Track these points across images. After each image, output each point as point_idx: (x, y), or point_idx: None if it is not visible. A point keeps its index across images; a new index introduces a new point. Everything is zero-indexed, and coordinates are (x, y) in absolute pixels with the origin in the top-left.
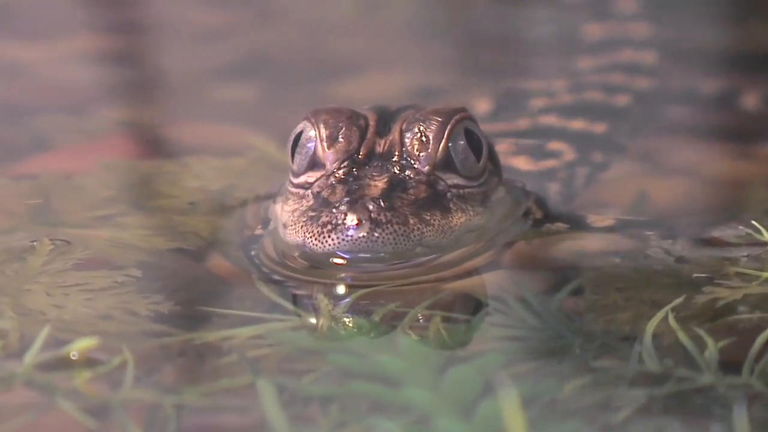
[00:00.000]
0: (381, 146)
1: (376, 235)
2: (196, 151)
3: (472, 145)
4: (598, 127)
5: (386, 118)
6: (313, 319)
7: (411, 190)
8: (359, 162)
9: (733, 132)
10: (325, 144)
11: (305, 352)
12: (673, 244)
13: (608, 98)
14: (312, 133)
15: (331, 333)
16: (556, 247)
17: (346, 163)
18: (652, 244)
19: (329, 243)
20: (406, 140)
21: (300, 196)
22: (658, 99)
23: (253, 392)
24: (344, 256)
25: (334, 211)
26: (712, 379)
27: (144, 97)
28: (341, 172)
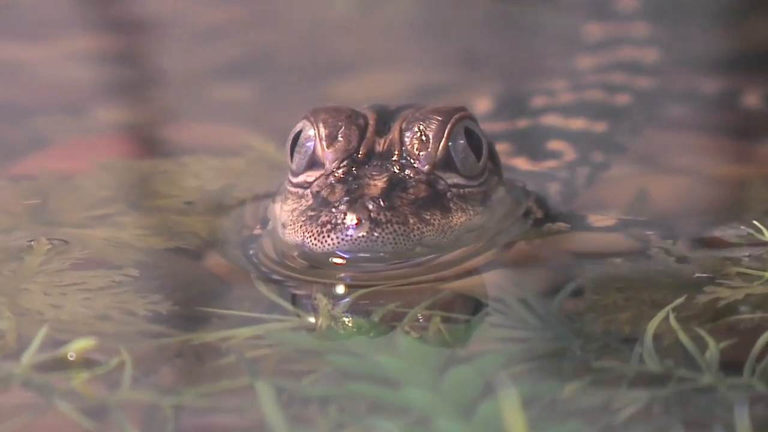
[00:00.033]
0: (380, 145)
1: (376, 234)
2: (195, 151)
3: (472, 144)
4: (599, 127)
5: (386, 117)
6: (313, 320)
7: (411, 190)
8: (359, 161)
9: (734, 131)
10: (325, 143)
11: (304, 352)
12: (674, 244)
13: (609, 98)
14: (311, 132)
15: (330, 333)
16: (557, 247)
17: (345, 163)
18: (653, 244)
19: (329, 243)
20: (406, 139)
21: (299, 196)
22: (659, 98)
23: (252, 393)
24: (344, 255)
25: (334, 210)
26: (713, 380)
27: (142, 96)
28: (341, 171)
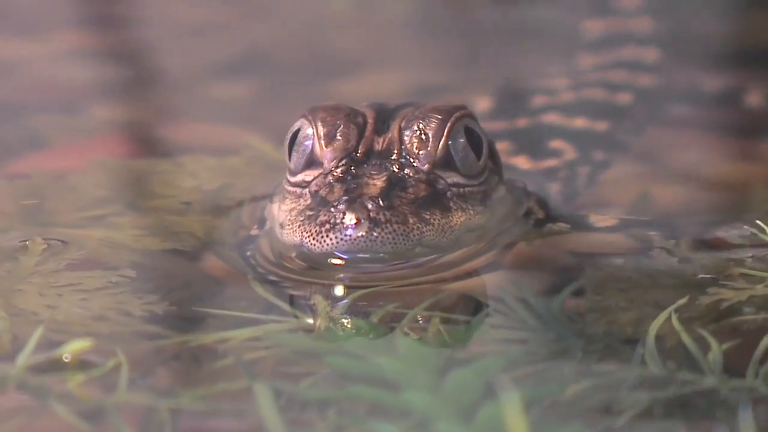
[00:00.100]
0: (380, 144)
1: (375, 234)
2: (192, 150)
3: (473, 143)
4: (600, 126)
5: (385, 116)
6: (311, 321)
7: (410, 189)
8: (357, 160)
9: (737, 130)
10: (323, 142)
11: (303, 354)
12: (676, 244)
13: (610, 96)
14: (309, 131)
15: (329, 335)
16: (558, 248)
17: (344, 162)
18: (655, 245)
19: (327, 243)
20: (405, 138)
21: (297, 195)
22: (661, 97)
23: (250, 395)
24: (342, 256)
25: (333, 210)
26: (716, 382)
27: (139, 95)
28: (339, 170)
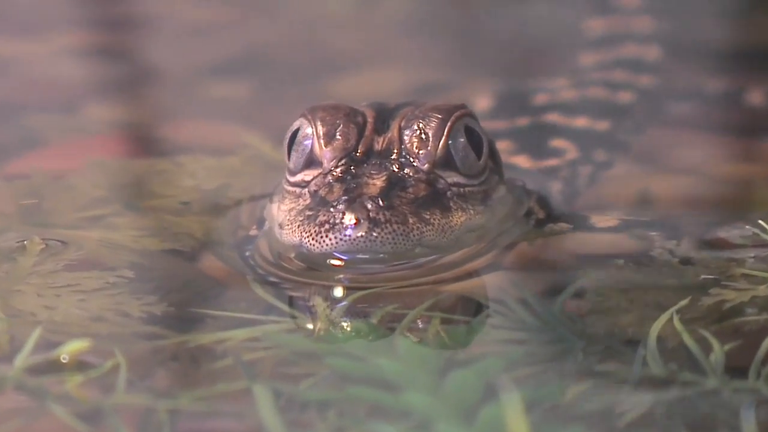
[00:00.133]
0: (379, 144)
1: (375, 234)
2: (190, 150)
3: (473, 142)
4: (601, 125)
5: (385, 115)
6: (310, 322)
7: (410, 189)
8: (357, 160)
9: (738, 129)
10: (323, 141)
11: (302, 355)
12: (678, 244)
13: (611, 95)
14: (309, 130)
15: (328, 336)
16: (559, 248)
17: (343, 161)
18: (657, 245)
19: (327, 243)
20: (405, 138)
21: (296, 195)
22: (662, 96)
23: (249, 397)
24: (342, 257)
25: (332, 210)
26: (718, 383)
27: (136, 94)
28: (339, 170)
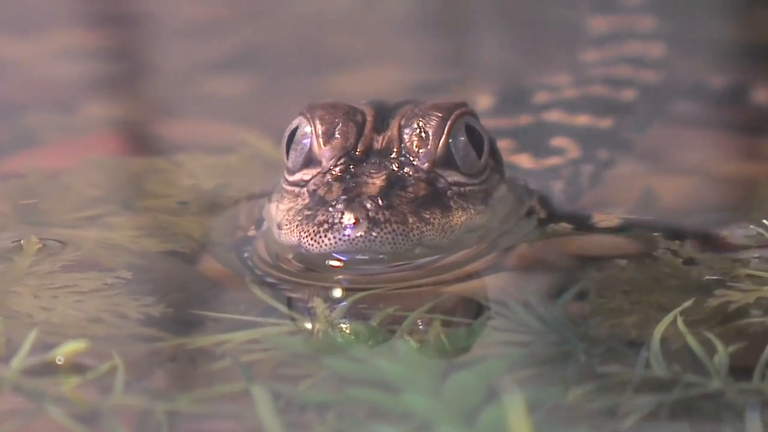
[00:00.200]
0: (379, 143)
1: (374, 234)
2: (188, 149)
3: (473, 141)
4: (604, 123)
5: (384, 114)
6: (309, 324)
7: (410, 188)
8: (356, 159)
9: (743, 127)
10: (321, 140)
11: (301, 357)
12: (682, 245)
13: (614, 93)
14: (308, 129)
15: (327, 338)
16: (560, 249)
17: (342, 160)
18: (660, 245)
19: (325, 243)
20: (405, 136)
21: (295, 195)
22: (666, 93)
23: (248, 399)
24: (341, 257)
25: (331, 209)
26: (722, 385)
27: (134, 92)
28: (338, 169)
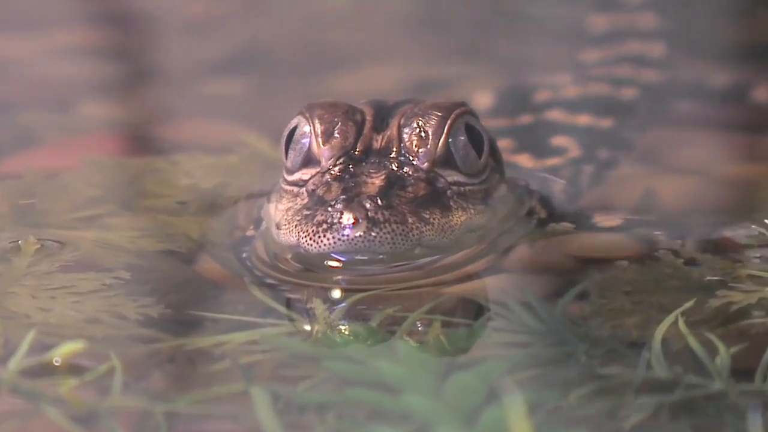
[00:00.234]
0: (378, 142)
1: (374, 234)
2: (187, 148)
3: (473, 140)
4: (605, 122)
5: (384, 113)
6: (309, 325)
7: (409, 188)
8: (356, 158)
9: (744, 127)
10: (320, 140)
11: (300, 358)
12: (683, 245)
13: (615, 92)
14: (306, 128)
15: (327, 339)
16: (561, 249)
17: (342, 160)
18: (661, 246)
19: (324, 243)
20: (405, 136)
21: (294, 195)
22: (667, 92)
23: (247, 400)
24: (340, 258)
25: (330, 209)
26: (724, 386)
27: (132, 92)
28: (337, 168)
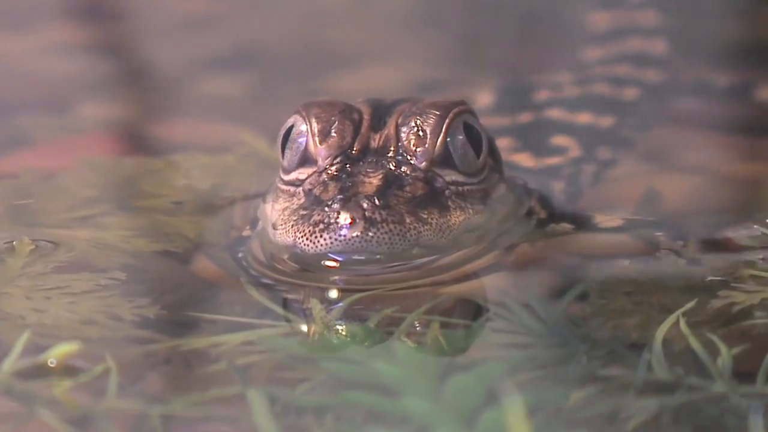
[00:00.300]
0: (376, 141)
1: (371, 234)
2: (183, 148)
3: (472, 139)
4: (605, 122)
5: (381, 112)
6: (306, 326)
7: (407, 188)
8: (353, 158)
9: (747, 126)
10: (317, 139)
11: (298, 359)
12: (684, 245)
13: (616, 91)
14: (303, 127)
15: (324, 340)
16: (561, 249)
17: (339, 159)
18: (662, 246)
19: (321, 243)
20: (402, 135)
21: (291, 194)
22: (668, 91)
23: (244, 402)
24: (337, 258)
25: (327, 209)
26: (726, 388)
27: (128, 91)
28: (334, 168)
